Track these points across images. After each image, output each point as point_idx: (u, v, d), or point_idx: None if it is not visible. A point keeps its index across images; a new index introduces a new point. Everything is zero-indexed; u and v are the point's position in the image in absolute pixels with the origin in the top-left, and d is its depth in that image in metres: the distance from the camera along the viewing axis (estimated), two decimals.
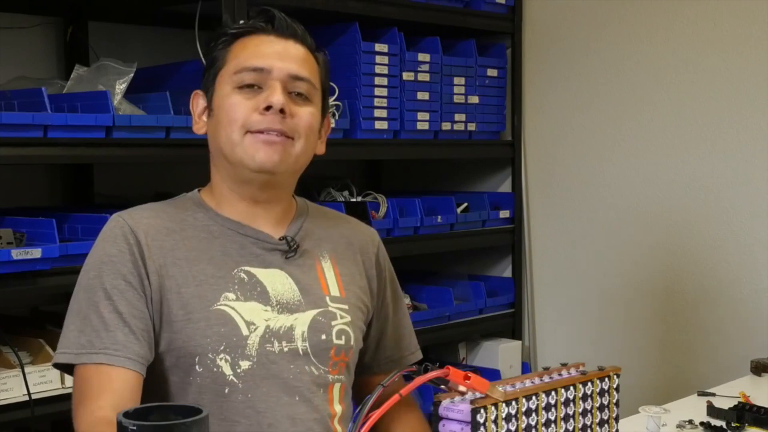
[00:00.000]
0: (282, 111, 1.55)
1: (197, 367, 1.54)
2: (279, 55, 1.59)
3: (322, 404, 1.60)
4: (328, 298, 1.64)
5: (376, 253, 1.75)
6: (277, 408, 1.56)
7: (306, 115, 1.59)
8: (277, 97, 1.55)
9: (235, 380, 1.54)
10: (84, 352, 1.49)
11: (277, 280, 1.60)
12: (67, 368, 1.54)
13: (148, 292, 1.53)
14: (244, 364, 1.55)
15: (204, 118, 1.65)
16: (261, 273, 1.60)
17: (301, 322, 1.60)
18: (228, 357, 1.54)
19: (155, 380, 1.55)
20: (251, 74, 1.58)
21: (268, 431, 1.55)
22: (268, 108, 1.55)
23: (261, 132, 1.55)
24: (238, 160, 1.57)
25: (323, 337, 1.61)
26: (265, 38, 1.61)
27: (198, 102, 1.67)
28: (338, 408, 1.63)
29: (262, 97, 1.56)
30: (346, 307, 1.65)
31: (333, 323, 1.62)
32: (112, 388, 1.46)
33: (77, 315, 1.53)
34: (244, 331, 1.55)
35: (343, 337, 1.63)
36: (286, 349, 1.58)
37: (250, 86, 1.58)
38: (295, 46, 1.62)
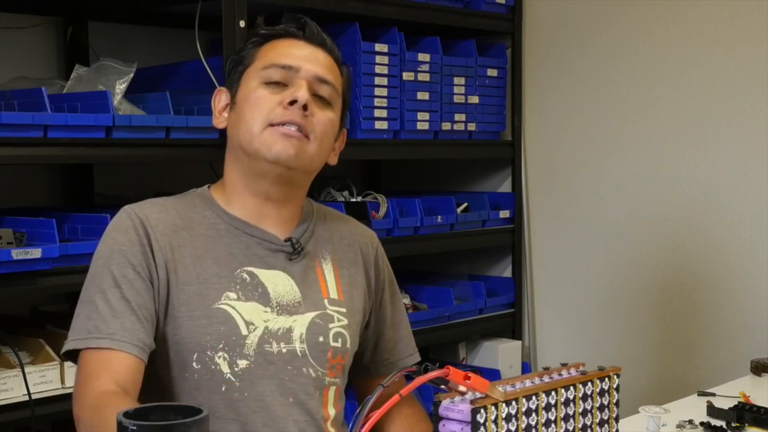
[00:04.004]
0: (305, 107, 1.58)
1: (195, 363, 1.55)
2: (307, 58, 1.63)
3: (315, 407, 1.61)
4: (326, 301, 1.65)
5: (375, 255, 1.77)
6: (273, 408, 1.57)
7: (325, 118, 1.62)
8: (303, 93, 1.58)
9: (233, 378, 1.56)
10: (90, 336, 1.50)
11: (278, 282, 1.62)
12: (75, 357, 1.55)
13: (156, 284, 1.55)
14: (242, 363, 1.56)
15: (225, 113, 1.67)
16: (263, 274, 1.61)
17: (300, 323, 1.61)
18: (226, 355, 1.55)
19: (153, 374, 1.56)
20: (279, 71, 1.61)
21: (262, 431, 1.56)
22: (292, 102, 1.57)
23: (281, 124, 1.57)
24: (254, 151, 1.58)
25: (321, 339, 1.62)
26: (295, 42, 1.65)
27: (221, 98, 1.69)
28: (332, 411, 1.65)
29: (288, 93, 1.59)
30: (344, 310, 1.67)
31: (330, 326, 1.64)
32: (112, 369, 1.47)
33: (85, 303, 1.54)
34: (243, 331, 1.57)
35: (340, 340, 1.64)
36: (284, 350, 1.59)
37: (276, 83, 1.61)
38: (323, 54, 1.65)
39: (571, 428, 1.37)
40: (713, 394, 2.09)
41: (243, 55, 1.66)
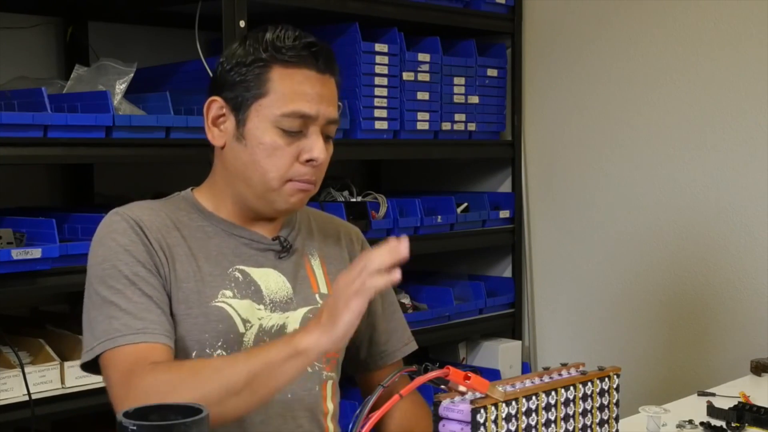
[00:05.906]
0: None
1: None
2: (321, 98, 1.57)
3: (315, 402, 1.62)
4: (317, 296, 1.67)
5: (361, 249, 1.78)
6: (271, 405, 1.57)
7: (328, 155, 1.62)
8: (319, 151, 1.57)
9: None
10: (120, 335, 1.49)
11: (270, 279, 1.63)
12: (95, 367, 1.53)
13: (162, 279, 1.55)
14: None
15: (221, 126, 1.62)
16: (255, 272, 1.62)
17: (293, 320, 1.63)
18: (225, 353, 1.56)
19: None
20: (298, 121, 1.56)
21: (260, 428, 1.57)
22: (309, 160, 1.57)
23: (299, 181, 1.59)
24: (270, 201, 1.60)
25: None
26: (307, 74, 1.57)
27: (213, 108, 1.62)
28: (330, 406, 1.66)
29: (305, 148, 1.57)
30: None
31: None
32: (153, 359, 1.47)
33: (102, 305, 1.52)
34: (241, 329, 1.58)
35: None
36: None
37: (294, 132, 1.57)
38: (330, 82, 1.60)
39: (571, 428, 1.37)
40: (713, 394, 2.09)
41: (248, 79, 1.57)
